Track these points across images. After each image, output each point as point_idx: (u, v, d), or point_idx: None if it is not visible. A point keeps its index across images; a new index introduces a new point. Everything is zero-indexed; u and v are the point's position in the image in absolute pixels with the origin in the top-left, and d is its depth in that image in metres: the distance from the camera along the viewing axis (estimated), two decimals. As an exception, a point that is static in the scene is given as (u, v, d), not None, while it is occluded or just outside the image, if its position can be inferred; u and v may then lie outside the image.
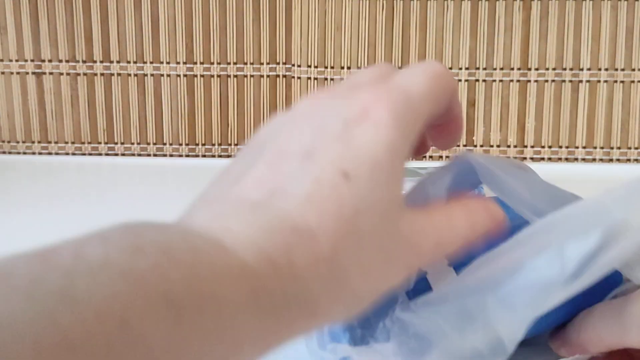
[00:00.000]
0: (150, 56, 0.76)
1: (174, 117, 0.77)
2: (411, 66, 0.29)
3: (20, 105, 0.77)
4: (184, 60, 0.75)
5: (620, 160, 0.75)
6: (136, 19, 0.75)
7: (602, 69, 0.74)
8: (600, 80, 0.74)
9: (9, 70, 0.76)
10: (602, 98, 0.74)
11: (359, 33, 0.74)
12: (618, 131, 0.75)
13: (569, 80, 0.74)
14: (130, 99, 0.77)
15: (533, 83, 0.74)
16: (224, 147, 0.77)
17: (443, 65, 0.29)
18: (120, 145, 0.77)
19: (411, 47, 0.74)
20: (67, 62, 0.76)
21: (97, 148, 0.78)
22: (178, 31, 0.75)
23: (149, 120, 0.77)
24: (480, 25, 0.74)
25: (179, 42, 0.75)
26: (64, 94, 0.77)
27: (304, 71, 0.75)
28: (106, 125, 0.77)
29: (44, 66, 0.76)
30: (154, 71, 0.76)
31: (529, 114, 0.75)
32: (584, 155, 0.75)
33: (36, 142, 0.78)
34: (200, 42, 0.75)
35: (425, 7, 0.73)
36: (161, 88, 0.76)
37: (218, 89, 0.76)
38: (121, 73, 0.76)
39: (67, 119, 0.77)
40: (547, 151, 0.75)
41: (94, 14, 0.75)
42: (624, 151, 0.75)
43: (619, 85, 0.74)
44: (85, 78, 0.76)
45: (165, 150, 0.77)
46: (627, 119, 0.75)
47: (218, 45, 0.75)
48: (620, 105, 0.75)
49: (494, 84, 0.75)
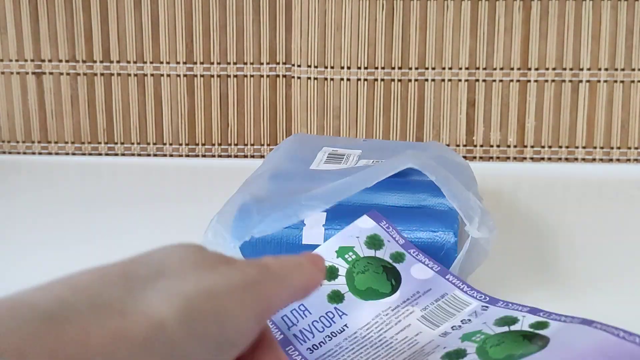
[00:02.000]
0: (150, 56, 0.76)
1: (174, 117, 0.77)
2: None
3: (20, 105, 0.77)
4: (184, 60, 0.75)
5: (620, 160, 0.75)
6: (136, 19, 0.75)
7: (602, 69, 0.74)
8: (600, 80, 0.74)
9: (9, 70, 0.76)
10: (602, 98, 0.74)
11: (359, 33, 0.74)
12: (618, 131, 0.75)
13: (569, 80, 0.74)
14: (130, 99, 0.77)
15: (533, 83, 0.74)
16: (224, 147, 0.77)
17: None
18: (120, 145, 0.77)
19: (411, 47, 0.74)
20: (67, 62, 0.76)
21: (97, 148, 0.78)
22: (178, 31, 0.75)
23: (149, 120, 0.77)
24: (480, 25, 0.74)
25: (179, 42, 0.75)
26: (64, 93, 0.77)
27: (304, 71, 0.75)
28: (106, 125, 0.77)
29: (44, 66, 0.76)
30: (154, 71, 0.76)
31: (529, 114, 0.75)
32: (584, 155, 0.75)
33: (36, 142, 0.78)
34: (200, 42, 0.75)
35: (425, 7, 0.73)
36: (161, 88, 0.76)
37: (218, 89, 0.76)
38: (121, 73, 0.76)
39: (67, 118, 0.77)
40: (547, 151, 0.75)
41: (94, 14, 0.75)
42: (624, 151, 0.75)
43: (619, 85, 0.74)
44: (85, 78, 0.76)
45: (165, 150, 0.77)
46: (627, 119, 0.75)
47: (218, 45, 0.75)
48: (620, 105, 0.75)
49: (494, 84, 0.75)
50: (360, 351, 0.39)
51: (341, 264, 0.43)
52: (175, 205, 0.65)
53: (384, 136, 0.76)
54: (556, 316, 0.37)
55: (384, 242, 0.44)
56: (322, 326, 0.40)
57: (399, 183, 0.50)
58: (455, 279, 0.42)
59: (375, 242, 0.44)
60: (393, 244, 0.44)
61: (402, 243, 0.44)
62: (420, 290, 0.42)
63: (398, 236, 0.45)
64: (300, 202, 0.44)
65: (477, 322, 0.39)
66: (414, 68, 0.75)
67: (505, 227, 0.50)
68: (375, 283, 0.42)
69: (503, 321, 0.38)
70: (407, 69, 0.75)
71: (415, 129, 0.76)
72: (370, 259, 0.43)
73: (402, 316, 0.41)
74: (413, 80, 0.75)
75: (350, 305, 0.41)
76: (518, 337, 0.36)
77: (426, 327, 0.40)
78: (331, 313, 0.41)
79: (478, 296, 0.41)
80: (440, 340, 0.38)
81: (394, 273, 0.43)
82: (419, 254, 0.44)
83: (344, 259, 0.43)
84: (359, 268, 0.43)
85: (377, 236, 0.44)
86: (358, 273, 0.43)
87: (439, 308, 0.41)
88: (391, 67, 0.75)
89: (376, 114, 0.76)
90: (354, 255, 0.43)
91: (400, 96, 0.75)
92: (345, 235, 0.44)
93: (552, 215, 0.62)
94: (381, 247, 0.44)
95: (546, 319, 0.37)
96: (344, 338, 0.40)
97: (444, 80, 0.75)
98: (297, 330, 0.40)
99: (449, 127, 0.75)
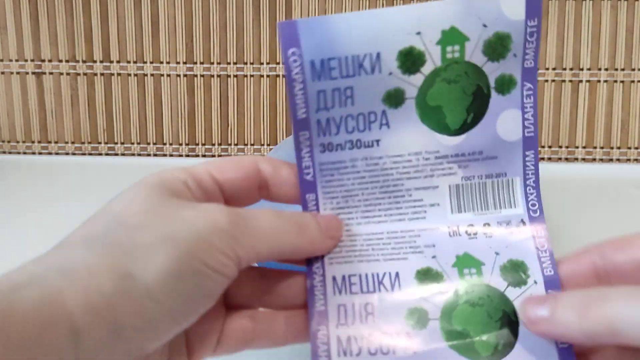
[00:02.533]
0: (150, 56, 0.76)
1: (174, 117, 0.77)
2: None
3: (20, 105, 0.77)
4: (184, 60, 0.75)
5: (620, 160, 0.75)
6: (136, 19, 0.75)
7: (602, 68, 0.74)
8: (600, 80, 0.74)
9: (9, 70, 0.76)
10: (602, 98, 0.74)
11: (359, 33, 0.74)
12: (618, 131, 0.75)
13: (569, 80, 0.74)
14: (130, 99, 0.77)
15: (533, 83, 0.74)
16: (224, 147, 0.77)
17: None
18: (120, 145, 0.77)
19: (411, 47, 0.74)
20: (67, 62, 0.76)
21: (97, 148, 0.78)
22: (178, 31, 0.75)
23: (149, 120, 0.77)
24: (480, 25, 0.74)
25: (179, 42, 0.75)
26: (64, 93, 0.77)
27: (304, 71, 0.75)
28: (106, 125, 0.77)
29: (44, 66, 0.76)
30: (154, 71, 0.76)
31: (529, 113, 0.75)
32: (584, 155, 0.75)
33: (36, 142, 0.78)
34: (200, 42, 0.75)
35: (425, 7, 0.73)
36: (161, 88, 0.76)
37: (218, 89, 0.76)
38: (121, 73, 0.76)
39: (67, 118, 0.77)
40: (547, 151, 0.75)
41: (94, 14, 0.75)
42: (624, 151, 0.75)
43: (618, 85, 0.74)
44: (85, 78, 0.76)
45: (165, 150, 0.77)
46: (627, 119, 0.75)
47: (218, 45, 0.75)
48: (620, 105, 0.75)
49: (494, 84, 0.75)
50: (366, 182, 0.32)
51: (434, 56, 0.31)
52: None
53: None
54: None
55: (508, 53, 0.31)
56: (354, 126, 0.32)
57: None
58: (533, 165, 0.32)
59: (499, 48, 0.31)
60: (516, 62, 0.32)
61: (529, 67, 0.32)
62: (485, 151, 0.32)
63: (533, 53, 0.32)
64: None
65: (494, 242, 0.32)
66: (414, 68, 0.74)
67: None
68: (451, 105, 0.32)
69: (512, 268, 0.31)
70: (407, 69, 0.74)
71: (415, 129, 0.76)
72: (474, 69, 0.31)
73: (438, 172, 0.32)
74: (413, 80, 0.75)
75: (401, 119, 0.32)
76: (497, 311, 0.30)
77: (448, 202, 0.32)
78: (374, 115, 0.32)
79: (531, 203, 0.32)
80: (441, 238, 0.32)
81: (480, 106, 0.32)
82: (531, 97, 0.32)
83: (443, 52, 0.31)
84: (450, 74, 0.31)
85: (508, 40, 0.31)
86: (443, 80, 0.31)
87: (480, 186, 0.33)
88: (391, 67, 0.75)
89: (376, 114, 0.76)
90: (459, 54, 0.31)
91: (400, 96, 0.75)
92: (475, 9, 0.30)
93: (551, 215, 0.62)
94: (501, 58, 0.31)
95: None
96: (365, 156, 0.32)
97: (444, 80, 0.75)
98: (325, 117, 0.32)
99: (449, 127, 0.75)
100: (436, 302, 0.30)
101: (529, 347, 0.29)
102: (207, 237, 0.26)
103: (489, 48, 0.31)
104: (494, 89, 0.32)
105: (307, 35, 0.30)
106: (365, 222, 0.32)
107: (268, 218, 0.29)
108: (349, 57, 0.30)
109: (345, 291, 0.31)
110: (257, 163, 0.31)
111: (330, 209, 0.32)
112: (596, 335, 0.25)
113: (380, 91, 0.31)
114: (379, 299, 0.31)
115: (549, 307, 0.27)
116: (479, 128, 0.32)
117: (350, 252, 0.32)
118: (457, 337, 0.30)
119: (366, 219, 0.32)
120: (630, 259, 0.28)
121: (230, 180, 0.30)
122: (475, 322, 0.30)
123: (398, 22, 0.30)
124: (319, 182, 0.32)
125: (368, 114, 0.31)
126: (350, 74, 0.31)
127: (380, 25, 0.30)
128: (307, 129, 0.32)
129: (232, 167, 0.30)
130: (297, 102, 0.31)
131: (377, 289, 0.31)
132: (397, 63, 0.31)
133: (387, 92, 0.31)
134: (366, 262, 0.31)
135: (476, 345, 0.29)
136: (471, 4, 0.30)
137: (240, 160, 0.31)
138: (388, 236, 0.32)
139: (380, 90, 0.31)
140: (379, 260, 0.31)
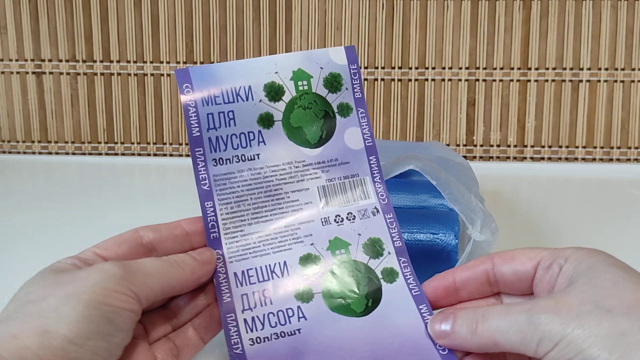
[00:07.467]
0: (150, 56, 0.76)
1: (174, 117, 0.77)
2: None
3: (20, 105, 0.77)
4: (184, 60, 0.75)
5: (620, 160, 0.75)
6: (136, 19, 0.75)
7: (602, 68, 0.74)
8: (600, 80, 0.74)
9: (9, 70, 0.76)
10: (602, 98, 0.74)
11: (359, 33, 0.74)
12: (618, 131, 0.75)
13: (569, 80, 0.74)
14: (130, 99, 0.77)
15: (533, 83, 0.74)
16: (224, 147, 0.77)
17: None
18: (120, 145, 0.77)
19: (411, 47, 0.74)
20: (67, 62, 0.76)
21: (97, 148, 0.78)
22: (178, 31, 0.75)
23: (149, 120, 0.77)
24: (480, 25, 0.74)
25: (179, 42, 0.75)
26: (64, 93, 0.77)
27: (304, 71, 0.75)
28: (106, 125, 0.77)
29: (44, 66, 0.76)
30: (154, 71, 0.76)
31: (529, 113, 0.75)
32: (584, 155, 0.75)
33: (36, 141, 0.78)
34: (200, 42, 0.75)
35: (425, 7, 0.73)
36: (161, 88, 0.76)
37: (218, 89, 0.76)
38: (121, 73, 0.76)
39: (67, 118, 0.77)
40: (547, 151, 0.75)
41: (94, 14, 0.75)
42: (624, 151, 0.75)
43: (619, 85, 0.74)
44: (85, 78, 0.76)
45: (165, 150, 0.77)
46: (627, 118, 0.75)
47: (218, 45, 0.75)
48: (620, 105, 0.75)
49: (494, 84, 0.75)
50: (253, 188, 0.40)
51: (290, 88, 0.41)
52: (176, 204, 0.65)
53: (384, 136, 0.76)
54: (411, 278, 0.38)
55: (342, 87, 0.42)
56: (238, 143, 0.40)
57: (400, 183, 0.50)
58: (376, 166, 0.42)
59: (335, 83, 0.42)
60: (348, 94, 0.42)
61: (358, 97, 0.43)
62: (339, 158, 0.41)
63: (358, 87, 0.43)
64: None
65: (356, 226, 0.40)
66: (414, 68, 0.75)
67: (505, 227, 0.50)
68: (308, 126, 0.41)
69: (371, 245, 0.40)
70: (407, 69, 0.75)
71: (415, 129, 0.76)
72: (320, 99, 0.42)
73: (307, 177, 0.41)
74: (413, 80, 0.75)
75: (273, 137, 0.40)
76: (364, 279, 0.38)
77: (318, 199, 0.40)
78: (253, 134, 0.40)
79: (380, 194, 0.41)
80: (316, 228, 0.40)
81: (330, 126, 0.42)
82: (364, 117, 0.42)
83: (296, 85, 0.41)
84: (304, 102, 0.41)
85: (340, 78, 0.42)
86: (300, 107, 0.41)
87: (341, 185, 0.41)
88: (391, 67, 0.75)
89: (376, 113, 0.76)
90: (307, 87, 0.41)
91: (400, 96, 0.75)
92: (312, 58, 0.42)
93: (552, 215, 0.62)
94: (337, 91, 0.42)
95: (400, 271, 0.39)
96: (249, 167, 0.40)
97: (444, 80, 0.75)
98: (215, 136, 0.39)
99: (449, 127, 0.75)
100: (317, 279, 0.39)
101: (391, 303, 0.38)
102: (104, 284, 0.31)
103: (328, 83, 0.42)
104: (337, 113, 0.42)
105: (196, 74, 0.40)
106: (255, 222, 0.40)
107: (151, 261, 0.35)
108: (229, 88, 0.40)
109: (245, 283, 0.38)
110: (137, 232, 0.37)
111: (225, 213, 0.39)
112: (485, 347, 0.32)
113: (254, 114, 0.40)
114: (273, 285, 0.38)
115: (450, 324, 0.34)
116: (332, 141, 0.42)
117: (245, 250, 0.39)
118: (337, 304, 0.38)
119: (256, 219, 0.40)
120: (513, 271, 0.34)
121: (116, 256, 0.36)
122: (349, 289, 0.38)
123: (262, 65, 0.41)
124: (215, 191, 0.39)
125: (248, 133, 0.40)
126: (231, 101, 0.40)
127: (250, 67, 0.41)
128: (201, 146, 0.39)
129: (114, 243, 0.36)
130: (192, 123, 0.39)
131: (270, 277, 0.39)
132: (264, 93, 0.40)
133: (260, 115, 0.40)
134: (260, 257, 0.39)
135: (352, 306, 0.38)
136: (310, 54, 0.42)
137: (121, 236, 0.37)
138: (274, 232, 0.40)
139: (254, 113, 0.40)
140: (269, 254, 0.39)
